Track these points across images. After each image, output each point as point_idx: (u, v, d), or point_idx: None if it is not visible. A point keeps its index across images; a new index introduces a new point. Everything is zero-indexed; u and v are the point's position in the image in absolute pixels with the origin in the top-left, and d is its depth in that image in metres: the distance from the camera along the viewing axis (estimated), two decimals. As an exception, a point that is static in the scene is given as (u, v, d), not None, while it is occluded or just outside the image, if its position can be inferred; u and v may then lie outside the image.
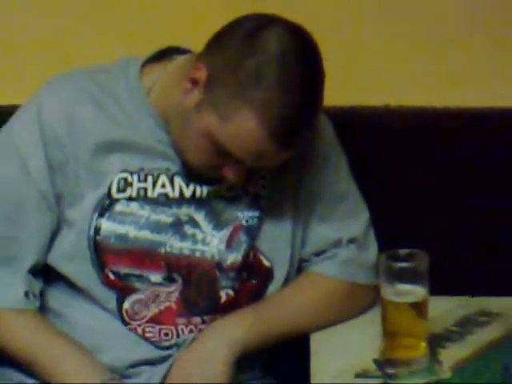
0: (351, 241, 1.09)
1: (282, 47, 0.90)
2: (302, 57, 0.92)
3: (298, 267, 1.13)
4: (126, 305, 1.02)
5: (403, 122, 1.32)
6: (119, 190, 0.98)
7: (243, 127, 0.90)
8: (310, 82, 0.94)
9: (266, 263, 1.08)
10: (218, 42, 0.94)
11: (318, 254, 1.10)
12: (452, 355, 1.02)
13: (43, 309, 1.05)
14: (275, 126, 0.89)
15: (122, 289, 1.01)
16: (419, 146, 1.32)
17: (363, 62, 1.35)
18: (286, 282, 1.10)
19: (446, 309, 1.17)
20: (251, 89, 0.90)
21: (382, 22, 1.34)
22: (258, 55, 0.90)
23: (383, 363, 0.99)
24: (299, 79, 0.92)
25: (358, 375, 0.96)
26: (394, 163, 1.32)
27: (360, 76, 1.34)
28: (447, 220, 1.31)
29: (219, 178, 0.99)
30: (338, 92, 1.10)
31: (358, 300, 1.09)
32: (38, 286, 1.03)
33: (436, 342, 1.03)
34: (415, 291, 0.97)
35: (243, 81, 0.90)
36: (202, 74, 0.91)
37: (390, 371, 0.97)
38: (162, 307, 1.04)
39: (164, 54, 1.04)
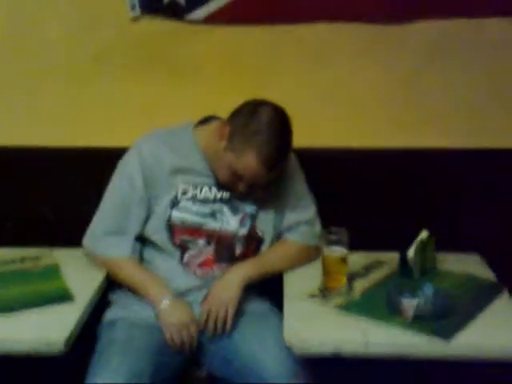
0: (306, 222, 1.68)
1: (269, 118, 1.48)
2: (280, 123, 1.50)
3: (278, 236, 1.68)
4: (185, 257, 1.61)
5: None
6: (182, 195, 1.59)
7: (248, 161, 1.48)
8: (285, 136, 1.52)
9: (260, 234, 1.66)
10: (236, 113, 1.53)
11: (289, 228, 1.68)
12: (361, 285, 1.56)
13: (141, 259, 1.64)
14: (266, 160, 1.47)
15: (183, 248, 1.60)
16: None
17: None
18: (271, 244, 1.66)
19: (356, 258, 1.65)
20: (252, 141, 1.46)
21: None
22: (256, 122, 1.48)
23: (323, 289, 1.53)
24: (278, 134, 1.49)
25: (309, 296, 1.52)
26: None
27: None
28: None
29: (235, 188, 1.58)
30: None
31: (310, 254, 1.67)
32: (138, 246, 1.62)
33: (352, 277, 1.57)
34: (339, 250, 1.52)
35: (247, 136, 1.47)
36: (226, 131, 1.51)
37: (326, 293, 1.52)
38: (204, 258, 1.61)
39: (206, 120, 1.64)
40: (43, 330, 1.39)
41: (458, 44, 1.85)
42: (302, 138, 1.60)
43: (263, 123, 1.47)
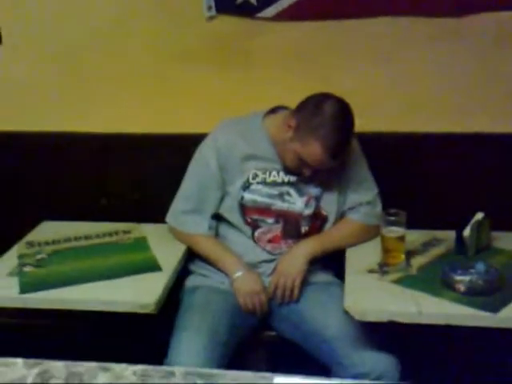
0: (368, 203, 1.79)
1: (332, 111, 1.61)
2: (343, 116, 1.63)
3: (341, 215, 1.81)
4: (256, 233, 1.77)
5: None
6: (253, 179, 1.75)
7: (313, 150, 1.62)
8: (347, 128, 1.64)
9: (324, 213, 1.79)
10: (302, 106, 1.66)
11: (351, 209, 1.80)
12: (418, 262, 1.67)
13: (217, 235, 1.82)
14: (329, 149, 1.60)
15: (254, 226, 1.77)
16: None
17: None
18: (335, 223, 1.80)
19: (415, 237, 1.75)
20: (316, 132, 1.60)
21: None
22: (320, 115, 1.61)
23: (382, 265, 1.64)
24: (341, 127, 1.61)
25: (369, 271, 1.63)
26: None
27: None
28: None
29: (301, 173, 1.72)
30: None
31: (370, 233, 1.78)
32: (214, 223, 1.80)
33: (409, 254, 1.67)
34: (397, 230, 1.63)
35: (312, 128, 1.60)
36: (293, 123, 1.65)
37: (385, 269, 1.62)
38: (273, 235, 1.77)
39: (274, 110, 1.79)
40: (138, 294, 1.59)
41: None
42: (367, 124, 1.73)
43: (327, 116, 1.60)
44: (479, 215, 1.73)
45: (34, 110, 2.19)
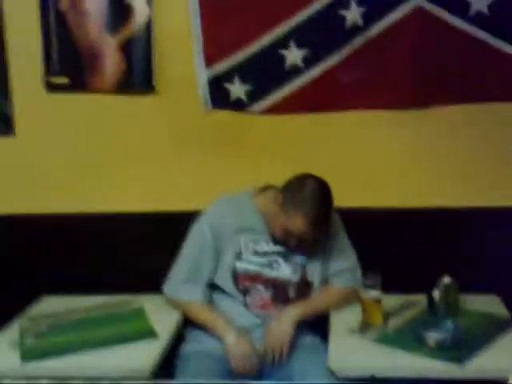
0: (348, 269, 1.96)
1: (313, 189, 1.81)
2: (322, 193, 1.83)
3: (325, 281, 1.95)
4: (248, 300, 1.91)
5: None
6: (244, 249, 1.92)
7: (297, 222, 1.80)
8: (326, 203, 1.84)
9: (310, 280, 1.94)
10: (287, 185, 1.86)
11: (334, 275, 1.96)
12: (394, 322, 1.82)
13: (211, 302, 1.94)
14: (311, 222, 1.78)
15: (245, 293, 1.91)
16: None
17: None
18: (320, 288, 1.93)
19: (392, 301, 1.91)
20: (300, 206, 1.78)
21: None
22: (302, 193, 1.81)
23: (362, 325, 1.79)
24: (321, 202, 1.81)
25: (351, 331, 1.78)
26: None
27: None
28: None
29: (287, 243, 1.89)
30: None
31: (352, 296, 1.91)
32: (208, 291, 1.94)
33: (387, 316, 1.83)
34: (375, 293, 1.79)
35: (296, 202, 1.80)
36: (280, 199, 1.86)
37: (365, 329, 1.77)
38: (264, 301, 1.91)
39: (264, 188, 1.99)
40: (134, 360, 1.67)
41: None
42: (344, 199, 1.95)
43: (308, 193, 1.82)
44: (447, 279, 1.92)
45: (36, 192, 2.38)
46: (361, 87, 2.13)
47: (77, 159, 2.38)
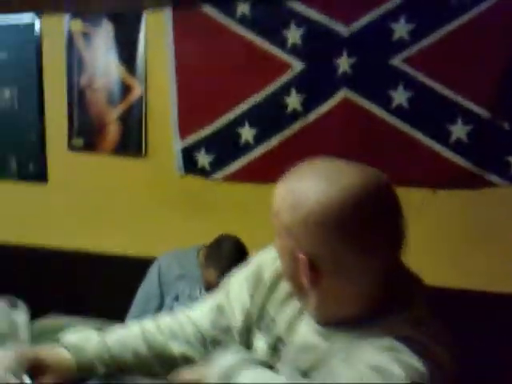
0: None
1: (229, 247, 2.15)
2: (237, 250, 2.25)
3: None
4: None
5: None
6: (181, 293, 2.31)
7: (212, 276, 2.10)
8: (239, 256, 2.23)
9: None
10: (212, 242, 2.22)
11: None
12: None
13: None
14: (223, 272, 2.05)
15: None
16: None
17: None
18: None
19: None
20: (217, 262, 2.10)
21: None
22: (218, 249, 2.20)
23: None
24: (233, 255, 2.22)
25: None
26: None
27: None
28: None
29: (210, 291, 2.20)
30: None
31: None
32: None
33: None
34: None
35: (214, 259, 2.12)
36: (206, 254, 2.30)
37: None
38: None
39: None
40: None
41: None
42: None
43: (224, 251, 2.17)
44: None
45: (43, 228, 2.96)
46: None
47: (85, 204, 2.94)
